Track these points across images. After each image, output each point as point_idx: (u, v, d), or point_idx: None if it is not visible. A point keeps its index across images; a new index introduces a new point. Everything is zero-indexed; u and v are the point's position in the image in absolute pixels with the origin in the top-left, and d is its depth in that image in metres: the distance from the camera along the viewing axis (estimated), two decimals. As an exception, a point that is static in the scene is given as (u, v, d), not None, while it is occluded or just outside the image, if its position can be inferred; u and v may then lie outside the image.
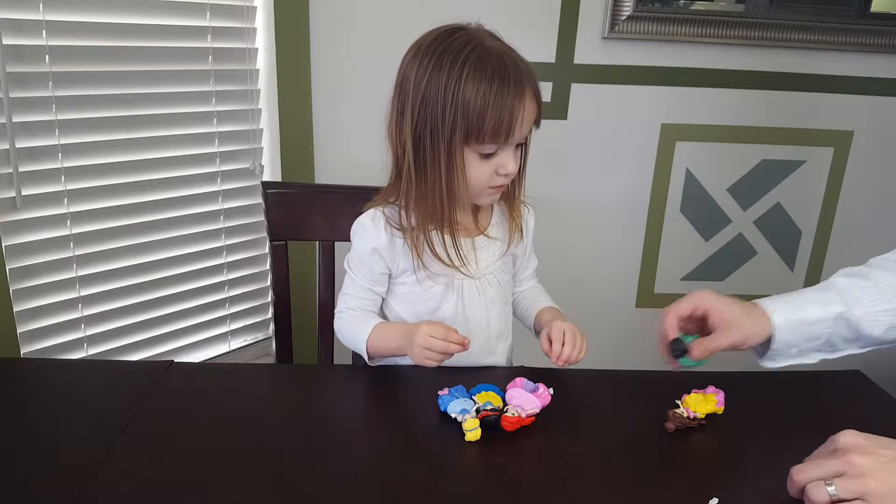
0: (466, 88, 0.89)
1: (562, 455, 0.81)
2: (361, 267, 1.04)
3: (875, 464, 0.61)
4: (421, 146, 0.94)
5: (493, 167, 0.94)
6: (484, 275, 1.05)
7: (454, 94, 0.89)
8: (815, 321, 0.85)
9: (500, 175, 0.95)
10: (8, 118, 1.18)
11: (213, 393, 0.92)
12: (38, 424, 0.84)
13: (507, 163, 0.94)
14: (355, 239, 1.04)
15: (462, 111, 0.89)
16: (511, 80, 0.89)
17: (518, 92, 0.90)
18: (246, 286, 1.63)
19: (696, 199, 1.90)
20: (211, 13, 1.43)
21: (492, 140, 0.91)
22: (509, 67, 0.90)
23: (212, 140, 1.49)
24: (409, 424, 0.88)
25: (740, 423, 0.88)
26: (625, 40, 1.71)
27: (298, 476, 0.75)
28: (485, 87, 0.88)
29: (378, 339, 1.00)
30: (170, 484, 0.73)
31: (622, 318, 1.94)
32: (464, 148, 0.92)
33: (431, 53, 0.92)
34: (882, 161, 1.92)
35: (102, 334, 1.41)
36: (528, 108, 0.91)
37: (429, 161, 0.94)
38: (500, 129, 0.89)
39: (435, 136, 0.92)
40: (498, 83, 0.88)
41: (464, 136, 0.91)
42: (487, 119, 0.89)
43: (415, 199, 0.97)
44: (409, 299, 1.05)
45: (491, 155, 0.93)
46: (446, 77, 0.90)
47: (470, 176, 0.94)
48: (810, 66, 1.80)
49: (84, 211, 1.33)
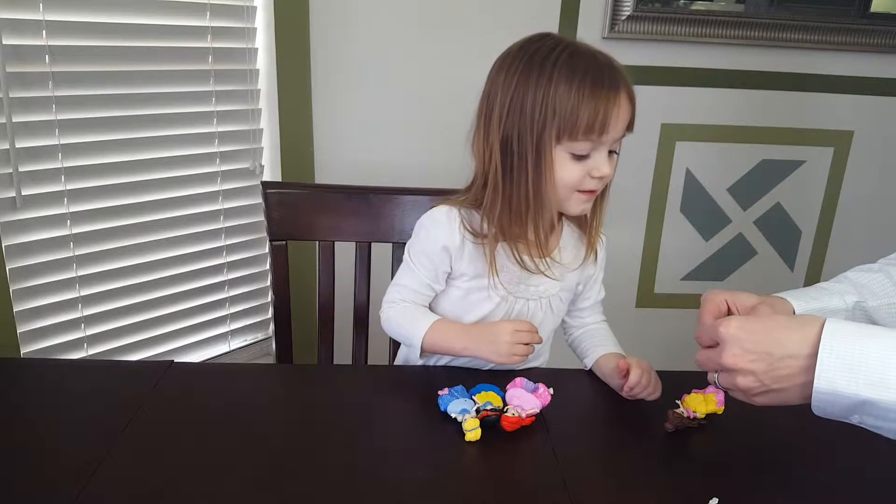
0: (559, 86, 0.87)
1: (562, 455, 0.81)
2: (426, 262, 1.00)
3: (741, 363, 0.67)
4: (508, 150, 0.91)
5: (585, 169, 0.91)
6: (540, 297, 1.02)
7: (545, 92, 0.87)
8: (834, 310, 0.84)
9: (592, 178, 0.91)
10: (8, 118, 1.18)
11: (213, 393, 0.92)
12: (38, 424, 0.83)
13: (600, 165, 0.90)
14: (424, 232, 1.00)
15: (553, 108, 0.87)
16: (606, 75, 0.87)
17: (613, 87, 0.87)
18: (246, 286, 1.63)
19: (696, 199, 1.90)
20: (211, 13, 1.43)
21: (585, 136, 0.88)
22: (603, 65, 0.88)
23: (212, 140, 1.49)
24: (409, 424, 0.88)
25: (740, 423, 0.88)
26: (625, 40, 1.71)
27: (298, 476, 0.75)
28: (577, 82, 0.86)
29: (437, 336, 0.97)
30: (170, 484, 0.73)
31: (622, 318, 1.93)
32: (555, 146, 0.89)
33: (521, 58, 0.90)
34: (882, 161, 1.92)
35: (102, 334, 1.41)
36: (623, 106, 0.89)
37: (516, 162, 0.91)
38: (595, 124, 0.86)
39: (524, 136, 0.89)
40: (592, 78, 0.86)
41: (556, 133, 0.88)
42: (581, 114, 0.86)
43: (500, 206, 0.93)
44: (460, 304, 1.02)
45: (584, 157, 0.90)
46: (537, 76, 0.88)
47: (560, 176, 0.91)
48: (810, 66, 1.80)
49: (84, 211, 1.33)
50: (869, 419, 0.62)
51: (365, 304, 1.25)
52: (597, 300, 1.10)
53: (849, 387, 0.61)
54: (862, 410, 0.62)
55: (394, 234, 1.23)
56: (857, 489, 0.78)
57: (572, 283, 1.05)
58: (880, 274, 0.86)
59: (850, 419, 0.64)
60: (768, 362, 0.65)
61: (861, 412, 0.62)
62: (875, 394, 0.60)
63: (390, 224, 1.23)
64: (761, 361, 0.66)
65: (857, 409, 0.62)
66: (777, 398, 0.67)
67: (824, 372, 0.62)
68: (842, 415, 0.63)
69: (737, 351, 0.67)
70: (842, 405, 0.62)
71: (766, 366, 0.65)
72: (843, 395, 0.61)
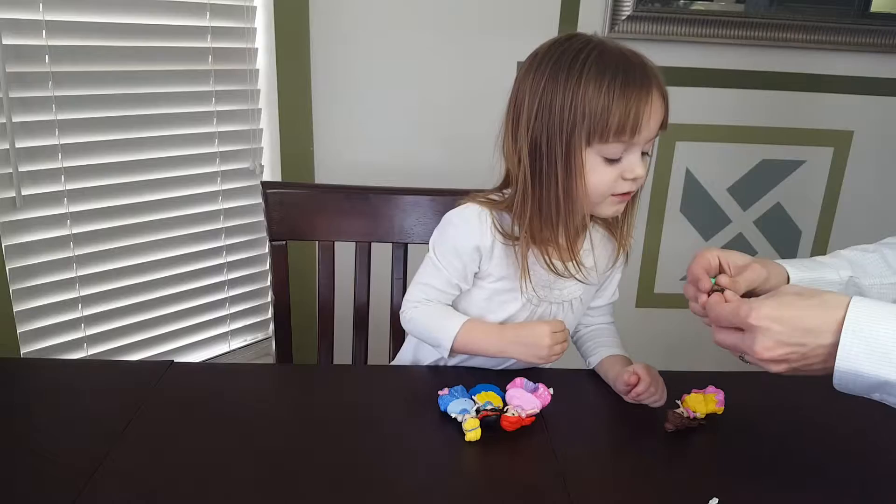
0: (588, 86, 0.84)
1: (562, 455, 0.81)
2: (454, 261, 0.97)
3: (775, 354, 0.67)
4: (537, 153, 0.89)
5: (618, 171, 0.88)
6: (563, 301, 1.00)
7: (574, 93, 0.85)
8: (829, 282, 0.84)
9: (626, 180, 0.88)
10: (8, 118, 1.18)
11: (213, 393, 0.92)
12: (38, 424, 0.83)
13: (634, 166, 0.87)
14: (454, 230, 0.97)
15: (583, 110, 0.84)
16: (637, 74, 0.85)
17: (645, 86, 0.85)
18: (246, 286, 1.63)
19: (696, 199, 1.90)
20: (211, 13, 1.43)
21: (617, 138, 0.85)
22: (634, 63, 0.86)
23: (212, 140, 1.49)
24: (409, 424, 0.88)
25: (740, 423, 0.88)
26: (625, 40, 1.69)
27: (298, 476, 0.75)
28: (608, 81, 0.84)
29: (470, 337, 0.95)
30: (170, 484, 0.73)
31: (622, 318, 1.92)
32: (586, 150, 0.87)
33: (549, 59, 0.88)
34: (882, 161, 1.92)
35: (102, 334, 1.41)
36: (656, 106, 0.86)
37: (546, 167, 0.89)
38: (626, 124, 0.84)
39: (553, 140, 0.87)
40: (622, 77, 0.84)
41: (587, 136, 0.85)
42: (612, 114, 0.84)
43: (530, 210, 0.91)
44: (484, 305, 1.00)
45: (616, 160, 0.87)
46: (566, 77, 0.85)
47: (593, 181, 0.88)
48: (810, 66, 1.80)
49: (84, 211, 1.33)
50: (890, 398, 0.64)
51: (365, 304, 1.25)
52: (609, 301, 1.09)
53: (871, 367, 0.63)
54: (883, 389, 0.64)
55: (394, 234, 1.23)
56: (857, 489, 0.78)
57: (594, 285, 1.04)
58: (875, 254, 0.87)
59: (871, 396, 0.66)
60: (801, 353, 0.66)
61: (882, 391, 0.64)
62: None
63: (390, 224, 1.22)
64: (795, 352, 0.67)
65: (878, 388, 0.64)
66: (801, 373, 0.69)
67: (847, 352, 0.63)
68: (864, 392, 0.65)
69: (769, 343, 0.67)
70: (864, 384, 0.64)
71: (799, 356, 0.67)
72: (864, 376, 0.63)
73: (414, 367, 1.06)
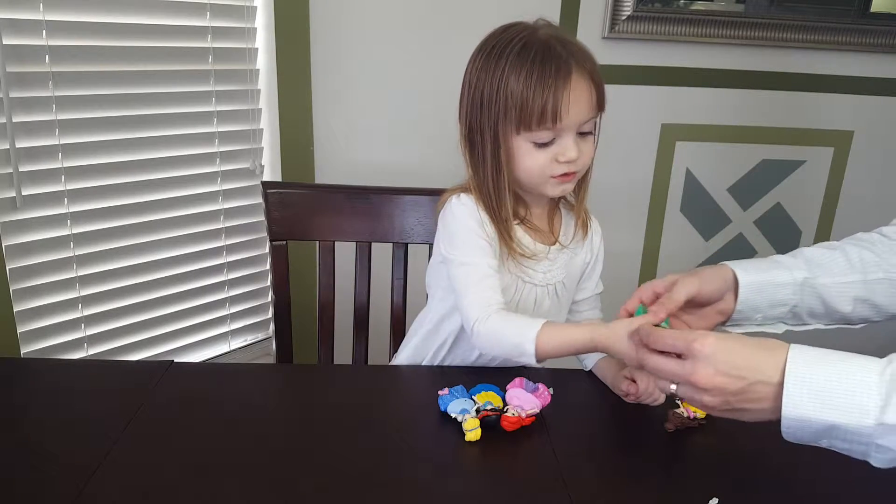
0: (510, 77, 0.88)
1: (562, 455, 0.81)
2: (480, 242, 0.94)
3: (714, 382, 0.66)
4: (474, 139, 0.94)
5: (551, 155, 0.91)
6: (547, 284, 1.01)
7: (499, 83, 0.89)
8: (780, 283, 0.83)
9: (560, 163, 0.91)
10: (8, 118, 1.18)
11: (213, 393, 0.92)
12: (38, 424, 0.83)
13: (565, 150, 0.90)
14: (460, 222, 0.95)
15: (507, 99, 0.88)
16: (553, 62, 0.87)
17: (562, 73, 0.87)
18: (246, 286, 1.63)
19: (696, 199, 1.90)
20: (211, 13, 1.43)
21: (540, 126, 0.88)
22: (556, 51, 0.88)
23: (212, 140, 1.49)
24: (409, 424, 0.88)
25: (740, 423, 0.88)
26: (625, 40, 1.71)
27: (298, 476, 0.75)
28: (526, 71, 0.87)
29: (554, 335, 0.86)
30: (169, 484, 0.73)
31: (622, 318, 1.94)
32: (515, 136, 0.91)
33: (483, 49, 0.93)
34: (882, 161, 1.92)
35: (102, 334, 1.41)
36: (578, 92, 0.88)
37: (481, 152, 0.94)
38: (547, 112, 0.87)
39: (484, 129, 0.92)
40: (539, 66, 0.87)
41: (514, 124, 0.89)
42: (531, 103, 0.87)
43: (475, 196, 0.96)
44: None
45: (548, 144, 0.90)
46: (494, 67, 0.89)
47: (527, 165, 0.92)
48: (810, 66, 1.80)
49: (84, 211, 1.33)
50: (837, 442, 0.63)
51: (365, 304, 1.25)
52: (594, 293, 1.10)
53: (815, 412, 0.61)
54: (830, 435, 0.62)
55: (394, 234, 1.23)
56: (857, 489, 0.78)
57: (576, 271, 1.05)
58: (837, 251, 0.86)
59: (819, 443, 0.64)
60: (740, 386, 0.65)
61: (829, 436, 0.62)
62: (842, 418, 0.61)
63: (390, 224, 1.23)
64: (734, 384, 0.65)
65: (825, 433, 0.62)
66: (739, 417, 0.68)
67: (792, 398, 0.62)
68: (811, 439, 0.64)
69: (710, 371, 0.66)
70: (811, 430, 0.63)
71: (737, 388, 0.65)
72: (811, 421, 0.62)
73: (414, 367, 1.06)
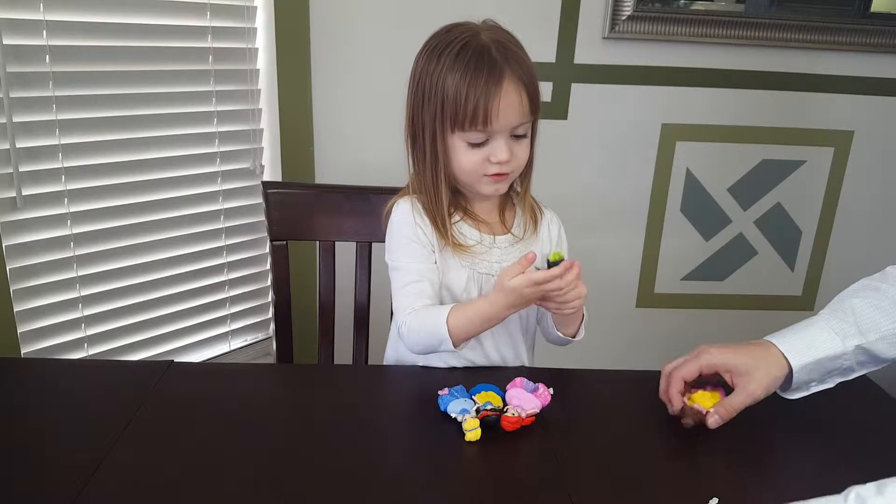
0: (447, 77, 0.91)
1: (562, 455, 0.81)
2: (415, 248, 0.98)
3: None
4: (416, 134, 0.98)
5: (484, 155, 0.94)
6: None
7: (437, 82, 0.92)
8: (833, 357, 0.84)
9: (492, 163, 0.94)
10: (8, 118, 1.18)
11: (213, 393, 0.92)
12: (38, 424, 0.83)
13: (496, 151, 0.93)
14: (397, 227, 1.00)
15: (442, 100, 0.92)
16: (487, 67, 0.89)
17: (494, 79, 0.89)
18: (246, 286, 1.63)
19: (696, 199, 1.90)
20: (211, 13, 1.43)
21: (472, 127, 0.91)
22: (490, 56, 0.90)
23: (212, 140, 1.49)
24: (409, 424, 0.88)
25: (740, 422, 0.88)
26: (625, 40, 1.71)
27: (298, 476, 0.75)
28: (460, 74, 0.90)
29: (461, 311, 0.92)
30: (170, 484, 0.73)
31: (622, 318, 1.94)
32: (450, 136, 0.94)
33: (426, 48, 0.96)
34: (882, 161, 1.92)
35: (102, 334, 1.41)
36: (509, 96, 0.90)
37: (420, 148, 0.98)
38: (478, 115, 0.90)
39: (423, 125, 0.95)
40: (473, 70, 0.89)
41: (450, 124, 0.92)
42: (464, 106, 0.90)
43: (415, 185, 1.00)
44: None
45: (481, 144, 0.93)
46: (433, 68, 0.93)
47: (460, 164, 0.95)
48: (810, 66, 1.80)
49: (84, 211, 1.33)
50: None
51: (365, 305, 1.25)
52: None
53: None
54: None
55: (394, 234, 1.23)
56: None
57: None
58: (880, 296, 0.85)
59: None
60: None
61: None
62: None
63: (390, 224, 1.22)
64: None
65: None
66: None
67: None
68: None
69: None
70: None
71: None
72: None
73: (414, 368, 1.06)
